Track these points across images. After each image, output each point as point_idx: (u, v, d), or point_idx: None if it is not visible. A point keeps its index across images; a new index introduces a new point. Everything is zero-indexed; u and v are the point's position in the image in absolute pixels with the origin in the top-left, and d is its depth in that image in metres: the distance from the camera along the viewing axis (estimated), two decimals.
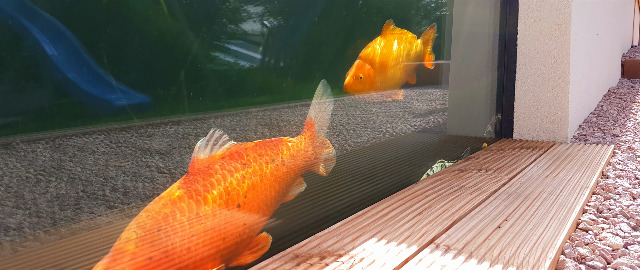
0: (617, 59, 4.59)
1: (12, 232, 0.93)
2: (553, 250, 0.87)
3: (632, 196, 1.32)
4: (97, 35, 0.92)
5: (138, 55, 0.98)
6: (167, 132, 1.26)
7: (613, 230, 1.07)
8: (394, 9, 1.79)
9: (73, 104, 0.91)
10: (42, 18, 0.85)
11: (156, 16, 1.02)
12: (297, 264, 0.80)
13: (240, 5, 1.27)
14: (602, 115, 2.76)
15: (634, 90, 3.85)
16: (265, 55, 1.37)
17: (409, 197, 1.18)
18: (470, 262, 0.82)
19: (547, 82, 1.96)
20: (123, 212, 1.09)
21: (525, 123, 2.01)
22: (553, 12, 1.93)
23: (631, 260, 0.92)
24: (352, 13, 1.69)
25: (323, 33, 1.51)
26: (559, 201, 1.17)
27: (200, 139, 0.78)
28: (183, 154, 1.30)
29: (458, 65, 2.10)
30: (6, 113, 0.81)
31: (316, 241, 0.89)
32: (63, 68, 0.87)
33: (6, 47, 0.81)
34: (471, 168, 1.49)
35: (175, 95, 1.07)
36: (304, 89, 1.43)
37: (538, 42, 1.96)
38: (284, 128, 1.59)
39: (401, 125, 2.20)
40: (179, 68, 1.08)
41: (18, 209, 1.00)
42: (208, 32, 1.20)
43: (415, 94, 2.51)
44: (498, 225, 1.00)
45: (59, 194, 1.07)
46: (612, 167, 1.62)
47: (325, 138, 1.00)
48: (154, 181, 1.20)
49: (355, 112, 1.98)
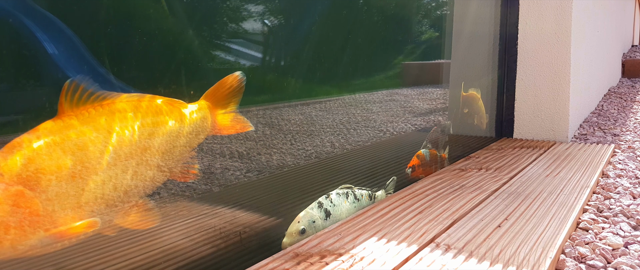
0: (617, 58, 4.59)
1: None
2: (553, 249, 0.87)
3: (633, 195, 1.32)
4: (98, 34, 0.91)
5: (138, 54, 0.98)
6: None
7: (613, 230, 1.07)
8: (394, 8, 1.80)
9: None
10: (42, 16, 0.85)
11: (157, 15, 1.02)
12: (298, 262, 0.80)
13: (241, 4, 1.27)
14: (602, 115, 2.76)
15: (635, 90, 3.85)
16: (265, 54, 1.37)
17: (409, 196, 1.18)
18: (471, 261, 0.82)
19: (547, 81, 1.96)
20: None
21: (526, 122, 2.01)
22: (554, 12, 1.93)
23: (631, 260, 0.92)
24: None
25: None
26: (559, 200, 1.17)
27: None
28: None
29: (459, 65, 2.10)
30: (6, 112, 0.81)
31: (316, 240, 0.89)
32: (64, 67, 0.87)
33: (6, 45, 0.81)
34: (471, 167, 1.49)
35: (175, 94, 1.06)
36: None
37: (539, 42, 1.96)
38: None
39: (402, 124, 2.20)
40: (180, 67, 1.08)
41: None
42: (209, 30, 1.20)
43: (415, 93, 2.51)
44: (498, 225, 1.00)
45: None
46: (612, 166, 1.62)
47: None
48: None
49: (356, 111, 1.98)
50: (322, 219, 1.01)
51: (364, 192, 1.17)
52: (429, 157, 1.49)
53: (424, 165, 1.47)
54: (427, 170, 1.49)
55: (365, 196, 1.16)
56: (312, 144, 1.66)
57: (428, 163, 1.49)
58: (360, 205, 1.13)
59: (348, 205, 1.10)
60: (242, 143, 1.42)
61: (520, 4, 1.99)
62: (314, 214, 1.00)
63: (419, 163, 1.45)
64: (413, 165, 1.44)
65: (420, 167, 1.45)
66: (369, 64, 1.89)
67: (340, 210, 1.07)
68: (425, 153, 1.48)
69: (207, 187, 1.27)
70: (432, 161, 1.51)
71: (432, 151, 1.52)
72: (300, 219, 0.99)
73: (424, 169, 1.47)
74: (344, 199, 1.10)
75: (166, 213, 1.09)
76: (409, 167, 1.43)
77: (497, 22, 2.04)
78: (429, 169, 1.49)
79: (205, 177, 1.28)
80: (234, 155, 1.40)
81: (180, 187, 1.22)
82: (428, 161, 1.49)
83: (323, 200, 1.05)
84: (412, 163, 1.45)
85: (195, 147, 0.79)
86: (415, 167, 1.44)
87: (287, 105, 1.61)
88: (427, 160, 1.48)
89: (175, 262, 0.88)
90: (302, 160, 1.55)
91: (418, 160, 1.46)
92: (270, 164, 1.46)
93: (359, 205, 1.13)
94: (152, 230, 1.00)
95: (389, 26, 1.98)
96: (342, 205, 1.08)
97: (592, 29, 2.58)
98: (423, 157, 1.48)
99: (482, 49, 2.05)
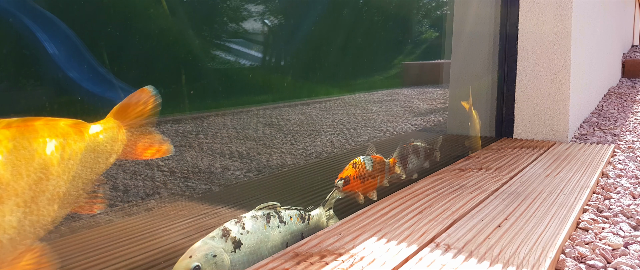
0: (617, 58, 4.59)
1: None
2: (553, 249, 0.87)
3: (632, 196, 1.32)
4: (98, 34, 0.92)
5: (139, 53, 0.99)
6: (168, 131, 1.26)
7: (613, 230, 1.07)
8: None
9: (73, 102, 0.91)
10: (42, 16, 0.85)
11: (157, 14, 1.02)
12: (297, 262, 0.80)
13: (241, 4, 1.27)
14: (602, 115, 2.76)
15: (634, 90, 3.85)
16: (265, 54, 1.37)
17: (409, 196, 1.18)
18: (470, 261, 0.82)
19: (547, 81, 1.96)
20: (123, 210, 1.09)
21: (526, 122, 2.01)
22: (554, 12, 1.93)
23: (631, 260, 0.92)
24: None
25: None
26: (559, 200, 1.17)
27: (200, 137, 0.78)
28: (183, 153, 1.30)
29: (459, 65, 2.10)
30: (6, 111, 0.81)
31: (316, 240, 0.89)
32: (64, 66, 0.87)
33: (7, 45, 0.81)
34: (471, 167, 1.49)
35: (176, 94, 1.07)
36: None
37: (539, 42, 1.96)
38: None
39: (401, 124, 2.20)
40: (180, 66, 1.08)
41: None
42: (209, 30, 1.20)
43: (416, 93, 2.51)
44: (498, 225, 1.00)
45: None
46: (612, 166, 1.62)
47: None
48: (154, 180, 1.20)
49: (356, 111, 1.98)
50: (229, 251, 0.78)
51: (293, 213, 0.93)
52: (370, 165, 1.16)
53: (362, 176, 1.12)
54: (367, 182, 1.15)
55: (295, 218, 0.93)
56: (312, 144, 1.66)
57: (370, 174, 1.15)
58: (288, 231, 0.90)
59: (271, 232, 0.86)
60: (242, 143, 1.42)
61: (520, 4, 1.99)
62: (215, 245, 0.76)
63: (355, 174, 1.10)
64: (346, 176, 1.09)
65: (357, 179, 1.11)
66: (369, 63, 1.88)
67: (258, 239, 0.83)
68: (365, 161, 1.14)
69: (207, 187, 1.27)
70: (376, 170, 1.18)
71: (376, 158, 1.19)
72: (194, 253, 0.74)
73: (362, 181, 1.13)
74: (263, 223, 0.85)
75: (166, 213, 1.10)
76: (340, 179, 1.08)
77: (497, 22, 2.04)
78: (370, 181, 1.16)
79: (205, 177, 1.28)
80: (234, 155, 1.40)
81: (180, 187, 1.22)
82: (370, 171, 1.15)
83: (231, 226, 0.81)
84: (345, 173, 1.10)
85: (102, 173, 0.67)
86: (350, 179, 1.09)
87: (287, 105, 1.61)
88: (368, 170, 1.15)
89: (175, 262, 0.88)
90: (302, 160, 1.55)
91: (354, 170, 1.11)
92: (270, 163, 1.47)
93: (287, 230, 0.90)
94: (152, 230, 1.00)
95: (390, 26, 1.98)
96: (260, 231, 0.84)
97: (592, 29, 2.58)
98: (361, 166, 1.13)
99: (482, 49, 2.05)
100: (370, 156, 1.18)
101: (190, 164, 1.28)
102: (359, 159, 1.14)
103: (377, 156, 1.20)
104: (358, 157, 1.15)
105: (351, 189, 1.10)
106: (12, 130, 0.53)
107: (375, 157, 1.19)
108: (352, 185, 1.09)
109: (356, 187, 1.11)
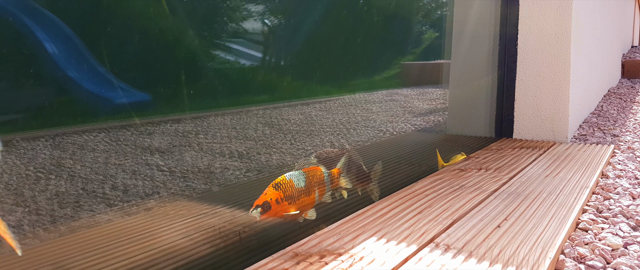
0: (617, 59, 4.59)
1: (12, 229, 0.93)
2: (553, 249, 0.88)
3: (632, 196, 1.32)
4: (98, 34, 0.92)
5: (139, 53, 0.99)
6: (168, 130, 1.26)
7: (613, 230, 1.07)
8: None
9: (73, 102, 0.91)
10: (42, 16, 0.85)
11: (157, 15, 1.02)
12: (297, 262, 0.80)
13: (241, 4, 1.27)
14: (602, 115, 2.76)
15: (634, 91, 3.85)
16: (265, 54, 1.37)
17: (409, 196, 1.19)
18: (470, 261, 0.82)
19: (547, 82, 1.96)
20: (123, 210, 1.09)
21: (526, 123, 2.01)
22: (553, 12, 1.93)
23: (631, 260, 0.92)
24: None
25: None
26: (558, 201, 1.17)
27: (200, 137, 0.78)
28: (183, 153, 1.30)
29: (459, 65, 2.10)
30: (7, 110, 0.81)
31: (316, 240, 0.89)
32: (64, 66, 0.87)
33: (7, 44, 0.81)
34: (471, 167, 1.49)
35: (175, 93, 1.07)
36: None
37: (538, 42, 1.96)
38: (284, 127, 1.59)
39: (401, 124, 2.20)
40: (180, 66, 1.08)
41: (17, 207, 1.00)
42: (209, 30, 1.20)
43: (415, 93, 2.51)
44: (498, 225, 1.00)
45: (59, 192, 1.07)
46: (612, 167, 1.62)
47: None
48: (153, 179, 1.20)
49: (356, 111, 1.98)
50: None
51: None
52: (302, 181, 0.94)
53: (291, 197, 0.90)
54: (300, 201, 0.92)
55: None
56: (312, 144, 1.66)
57: (301, 191, 0.93)
58: None
59: None
60: (242, 143, 1.42)
61: (520, 4, 1.99)
62: None
63: (280, 196, 0.88)
64: (265, 201, 0.87)
65: (283, 202, 0.89)
66: (369, 64, 1.89)
67: None
68: (293, 178, 0.92)
69: (206, 186, 1.27)
70: (311, 184, 0.95)
71: (310, 170, 0.97)
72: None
73: (289, 202, 0.90)
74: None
75: (166, 212, 1.10)
76: (255, 206, 0.86)
77: (497, 22, 2.04)
78: (304, 199, 0.93)
79: (204, 177, 1.28)
80: (234, 154, 1.40)
81: (180, 187, 1.22)
82: (302, 188, 0.93)
83: None
84: (264, 198, 0.87)
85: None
86: (270, 203, 0.87)
87: (287, 105, 1.61)
88: (299, 187, 0.92)
89: (175, 262, 0.88)
90: (302, 160, 1.55)
91: (276, 191, 0.89)
92: (269, 163, 1.46)
93: None
94: (152, 230, 1.00)
95: (390, 26, 1.98)
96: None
97: (592, 29, 2.58)
98: (287, 185, 0.90)
99: (482, 49, 2.06)
100: (302, 170, 0.97)
101: (189, 164, 1.29)
102: (285, 176, 0.93)
103: (312, 168, 0.99)
104: (283, 175, 0.93)
105: (275, 214, 0.88)
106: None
107: (310, 169, 0.99)
108: (275, 211, 0.88)
109: (283, 210, 0.89)
